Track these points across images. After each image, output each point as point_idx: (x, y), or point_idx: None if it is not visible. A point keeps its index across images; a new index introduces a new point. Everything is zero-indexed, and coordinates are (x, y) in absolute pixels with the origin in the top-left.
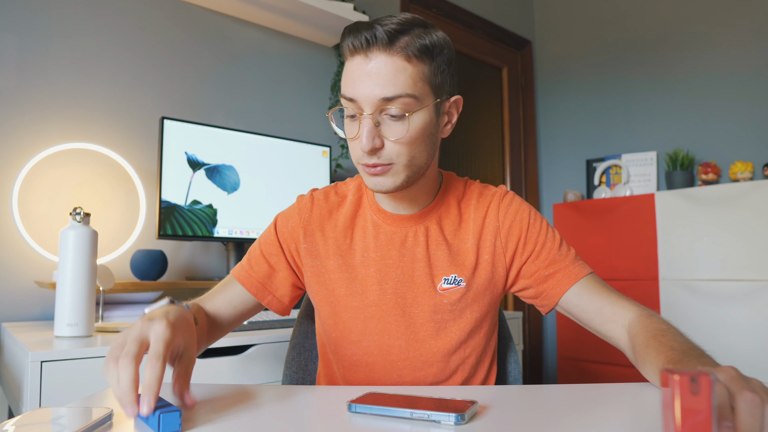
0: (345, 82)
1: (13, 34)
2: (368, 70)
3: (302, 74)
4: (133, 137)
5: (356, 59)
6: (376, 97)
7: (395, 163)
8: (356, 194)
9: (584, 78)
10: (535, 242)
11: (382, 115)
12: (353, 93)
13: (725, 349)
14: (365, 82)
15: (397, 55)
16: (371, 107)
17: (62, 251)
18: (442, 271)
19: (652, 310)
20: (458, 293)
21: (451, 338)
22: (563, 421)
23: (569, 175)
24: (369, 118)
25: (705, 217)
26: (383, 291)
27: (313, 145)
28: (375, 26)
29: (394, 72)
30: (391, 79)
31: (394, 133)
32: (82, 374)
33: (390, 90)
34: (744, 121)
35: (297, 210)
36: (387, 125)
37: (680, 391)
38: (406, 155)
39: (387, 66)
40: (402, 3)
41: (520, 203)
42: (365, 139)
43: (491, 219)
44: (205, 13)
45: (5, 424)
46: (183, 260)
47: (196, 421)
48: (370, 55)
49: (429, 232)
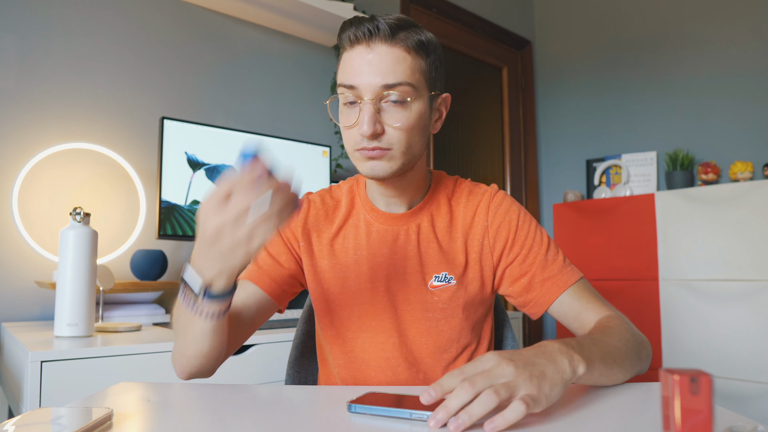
0: (344, 71)
1: (13, 34)
2: (370, 59)
3: (302, 74)
4: (133, 137)
5: (357, 49)
6: (377, 85)
7: (393, 149)
8: (349, 195)
9: (584, 78)
10: (522, 245)
11: (381, 103)
12: (354, 80)
13: (725, 349)
14: (367, 70)
15: (397, 46)
16: (372, 94)
17: (62, 251)
18: (433, 269)
19: (623, 316)
20: (449, 291)
21: (443, 336)
22: (563, 421)
23: (569, 175)
24: (370, 104)
25: (705, 217)
26: (375, 289)
27: (313, 145)
28: (377, 19)
29: (395, 61)
30: (392, 68)
31: (395, 119)
32: (82, 374)
33: (391, 77)
34: (744, 121)
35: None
36: (387, 112)
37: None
38: (404, 141)
39: (388, 56)
40: (402, 3)
41: (511, 203)
42: (367, 123)
43: (480, 218)
44: (205, 13)
45: (5, 424)
46: (183, 260)
47: (195, 421)
48: (372, 45)
49: (420, 229)
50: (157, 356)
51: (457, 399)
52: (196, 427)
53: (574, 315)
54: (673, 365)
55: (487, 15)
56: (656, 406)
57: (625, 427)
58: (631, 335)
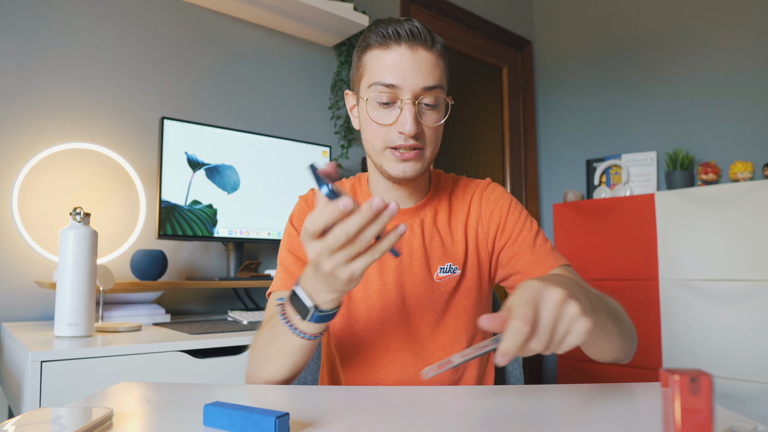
0: (382, 70)
1: (13, 34)
2: (412, 60)
3: (302, 74)
4: (133, 137)
5: (397, 50)
6: (419, 86)
7: (425, 149)
8: (351, 192)
9: (584, 78)
10: (512, 229)
11: (418, 104)
12: (395, 80)
13: (725, 349)
14: (409, 71)
15: (433, 50)
16: (412, 94)
17: (62, 251)
18: (438, 261)
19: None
20: (454, 281)
21: (450, 327)
22: (563, 421)
23: (569, 175)
24: (412, 104)
25: (705, 217)
26: (384, 281)
27: (313, 145)
28: (411, 21)
29: (433, 65)
30: (431, 71)
31: (431, 119)
32: (82, 374)
33: (431, 80)
34: (744, 121)
35: (306, 208)
36: (423, 113)
37: (680, 391)
38: (434, 142)
39: (428, 59)
40: (402, 3)
41: (502, 192)
42: (411, 123)
43: (474, 207)
44: (205, 13)
45: (5, 424)
46: (183, 260)
47: (195, 421)
48: (414, 47)
49: (424, 224)
50: (157, 356)
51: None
52: (196, 427)
53: None
54: (673, 365)
55: (487, 15)
56: (656, 406)
57: (625, 427)
58: (616, 309)
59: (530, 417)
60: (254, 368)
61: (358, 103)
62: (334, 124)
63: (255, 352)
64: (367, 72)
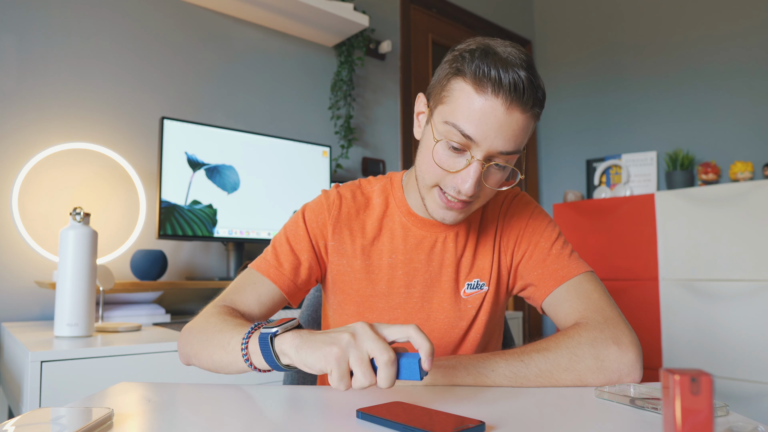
0: (467, 116)
1: (13, 34)
2: (502, 120)
3: (302, 74)
4: (133, 137)
5: (491, 100)
6: (496, 149)
7: (474, 203)
8: (382, 196)
9: (584, 78)
10: (529, 241)
11: (486, 165)
12: (475, 134)
13: (725, 349)
14: (494, 129)
15: (528, 113)
16: (485, 154)
17: (62, 251)
18: (466, 277)
19: (589, 327)
20: (480, 297)
21: (469, 342)
22: (563, 421)
23: (569, 175)
24: (481, 165)
25: (705, 217)
26: (410, 294)
27: (313, 145)
28: (518, 72)
29: (522, 131)
30: (517, 137)
31: (493, 180)
32: (82, 374)
33: (511, 146)
34: (744, 121)
35: (326, 205)
36: (489, 173)
37: (680, 391)
38: (486, 197)
39: (518, 123)
40: (402, 3)
41: (526, 203)
42: (471, 184)
43: (500, 220)
44: (205, 13)
45: (5, 424)
46: (183, 260)
47: (195, 421)
48: (511, 106)
49: (458, 237)
50: (157, 356)
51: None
52: (196, 427)
53: (559, 313)
54: (673, 365)
55: (487, 15)
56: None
57: (625, 427)
58: (584, 345)
59: (530, 417)
60: (193, 353)
61: (429, 124)
62: (334, 124)
63: (196, 338)
64: (450, 103)
